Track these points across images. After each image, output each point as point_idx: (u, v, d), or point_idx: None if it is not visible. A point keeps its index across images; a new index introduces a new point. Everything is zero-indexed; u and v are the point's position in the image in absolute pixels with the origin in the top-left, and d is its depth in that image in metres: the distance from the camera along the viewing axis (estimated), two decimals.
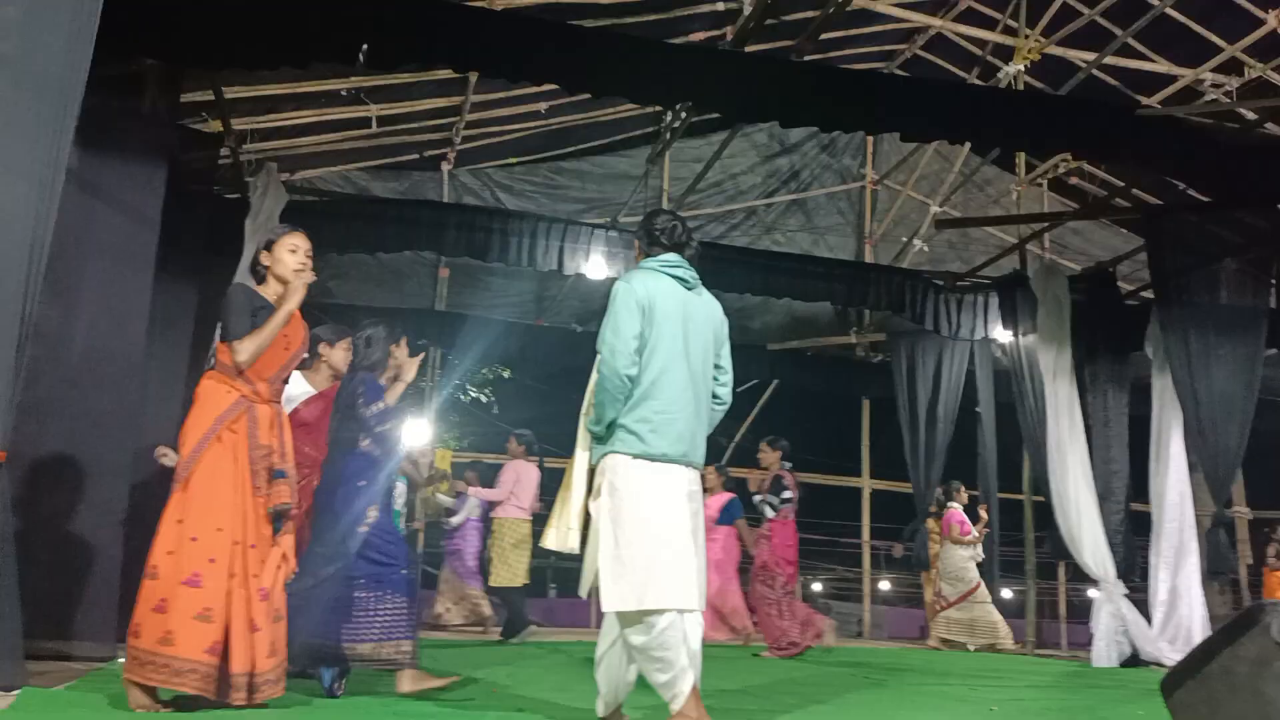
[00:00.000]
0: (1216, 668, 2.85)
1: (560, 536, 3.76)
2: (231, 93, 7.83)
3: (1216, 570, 7.77)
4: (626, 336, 3.46)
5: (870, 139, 12.19)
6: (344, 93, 8.83)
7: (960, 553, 9.94)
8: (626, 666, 3.58)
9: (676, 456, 3.46)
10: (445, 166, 10.67)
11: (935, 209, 11.77)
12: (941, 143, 10.96)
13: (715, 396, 3.71)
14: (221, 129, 7.73)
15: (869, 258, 12.10)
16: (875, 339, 12.42)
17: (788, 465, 8.23)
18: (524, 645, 7.62)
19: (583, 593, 3.94)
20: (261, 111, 8.76)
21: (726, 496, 9.70)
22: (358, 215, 8.75)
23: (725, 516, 9.55)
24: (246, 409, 3.60)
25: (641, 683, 3.60)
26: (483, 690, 4.64)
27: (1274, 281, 7.76)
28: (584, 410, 3.69)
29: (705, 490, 5.76)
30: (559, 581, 18.52)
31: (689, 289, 3.66)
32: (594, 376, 3.60)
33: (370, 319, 4.65)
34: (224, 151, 8.04)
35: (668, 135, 9.61)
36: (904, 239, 12.18)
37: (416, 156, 10.56)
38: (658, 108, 9.72)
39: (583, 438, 3.70)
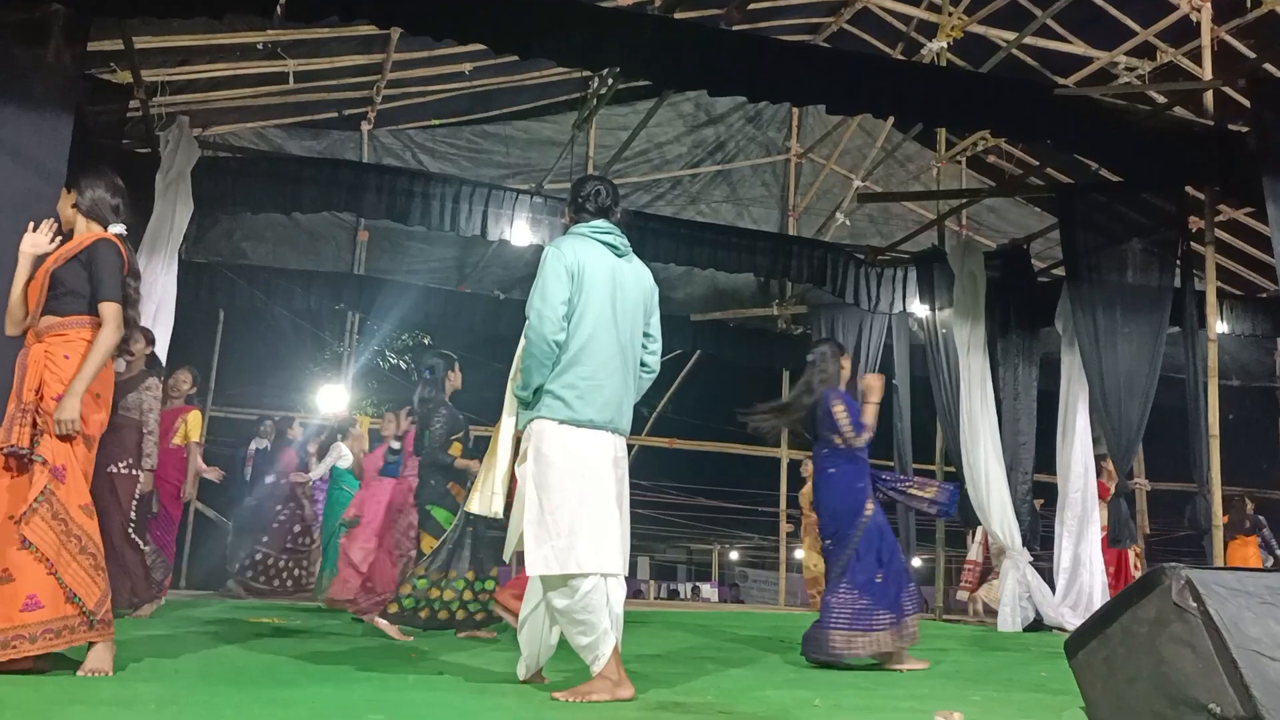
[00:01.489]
0: (1118, 629, 2.95)
1: (485, 501, 3.75)
2: (142, 43, 7.52)
3: (1117, 539, 8.07)
4: (554, 302, 3.43)
5: (795, 112, 12.26)
6: (260, 46, 8.55)
7: None
8: (549, 630, 3.59)
9: (603, 423, 3.45)
10: (365, 126, 10.43)
11: (858, 183, 11.92)
12: (865, 118, 11.10)
13: (644, 365, 3.71)
14: (131, 80, 7.43)
15: (792, 230, 12.21)
16: (797, 311, 12.56)
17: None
18: None
19: (506, 556, 3.94)
20: (173, 63, 8.44)
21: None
22: (273, 174, 8.52)
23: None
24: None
25: (563, 647, 3.61)
26: (401, 655, 4.60)
27: (1178, 262, 8.04)
28: (511, 375, 3.67)
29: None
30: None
31: (619, 256, 3.64)
32: (522, 342, 3.57)
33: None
34: (133, 104, 7.73)
35: (594, 101, 9.53)
36: (826, 213, 12.31)
37: (335, 115, 10.30)
38: (584, 73, 9.63)
39: (509, 403, 3.68)
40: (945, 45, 9.34)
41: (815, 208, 12.46)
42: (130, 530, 5.70)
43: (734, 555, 27.50)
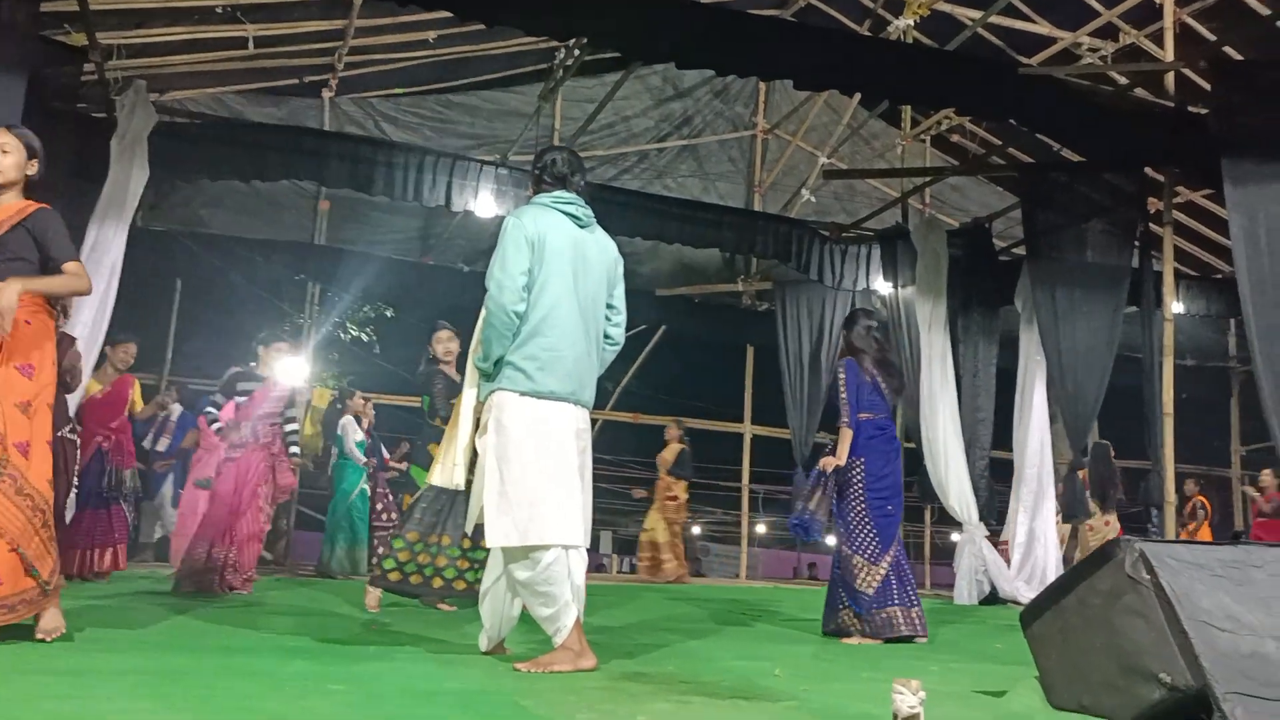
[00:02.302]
0: (1072, 600, 3.01)
1: (446, 473, 3.74)
2: (97, 4, 7.34)
3: (1071, 514, 8.21)
4: (514, 272, 3.40)
5: (763, 88, 12.24)
6: (220, 10, 8.38)
7: None
8: (510, 601, 3.59)
9: (565, 394, 3.44)
10: (327, 94, 10.27)
11: (823, 160, 11.94)
12: (831, 95, 11.10)
13: (607, 337, 3.70)
14: (87, 42, 7.24)
15: (758, 206, 12.22)
16: (762, 287, 12.59)
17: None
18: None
19: (468, 529, 3.93)
20: (130, 26, 8.25)
21: None
22: (233, 140, 8.36)
23: None
24: None
25: (525, 618, 3.61)
26: (363, 626, 4.58)
27: (1136, 242, 8.14)
28: (473, 347, 3.65)
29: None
30: None
31: (581, 226, 3.61)
32: (483, 313, 3.54)
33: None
34: (89, 67, 7.55)
35: (560, 73, 9.45)
36: (792, 189, 12.33)
37: (296, 82, 10.13)
38: (551, 44, 9.53)
39: (471, 375, 3.67)
40: (912, 23, 9.35)
41: (781, 184, 12.47)
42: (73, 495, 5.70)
43: (696, 530, 27.63)
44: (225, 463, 6.32)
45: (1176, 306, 8.28)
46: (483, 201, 8.68)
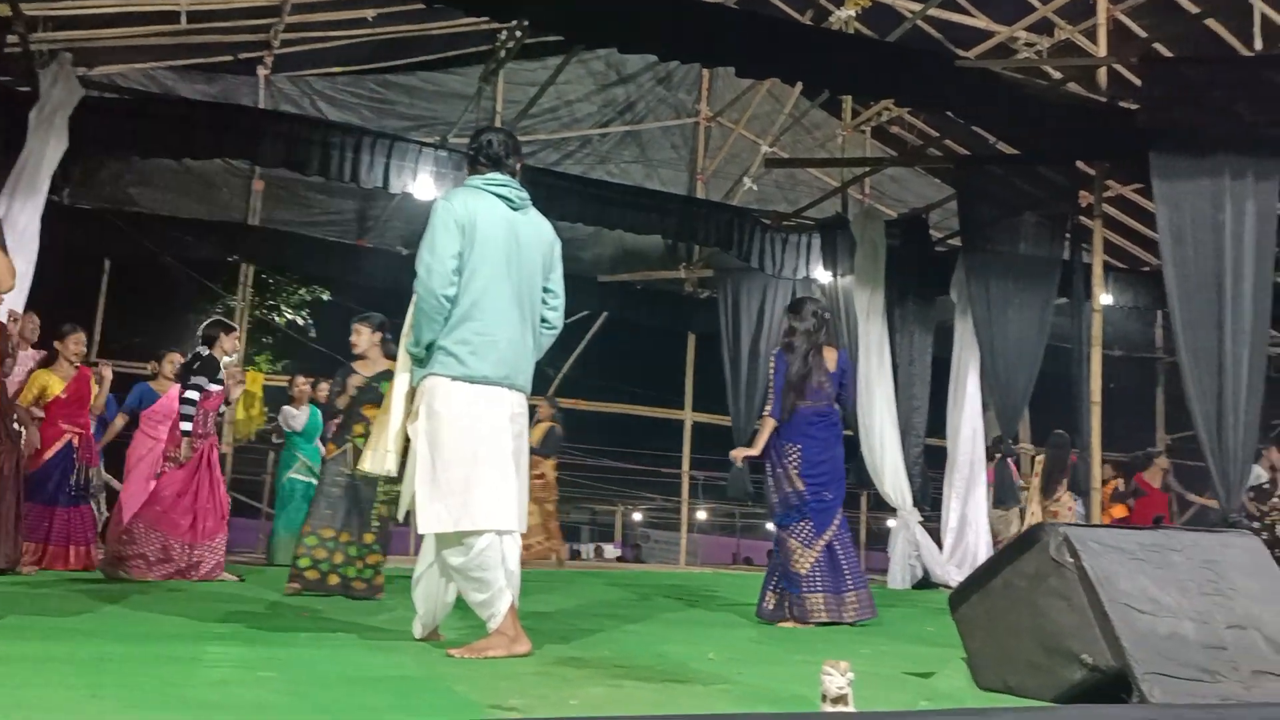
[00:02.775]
0: (999, 583, 3.07)
1: (377, 459, 3.69)
2: None
3: (1001, 500, 8.39)
4: (444, 255, 3.36)
5: (706, 75, 12.25)
6: None
7: None
8: (445, 588, 3.56)
9: (498, 379, 3.40)
10: (262, 71, 10.05)
11: (765, 149, 11.99)
12: (774, 84, 11.14)
13: (545, 321, 3.66)
14: (10, 13, 7.00)
15: (700, 193, 12.23)
16: (703, 274, 12.62)
17: None
18: None
19: (399, 515, 3.89)
20: None
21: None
22: (163, 116, 8.16)
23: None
24: None
25: (460, 605, 3.59)
26: (294, 613, 4.52)
27: (1067, 235, 8.33)
28: (404, 333, 3.60)
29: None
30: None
31: (516, 209, 3.57)
32: (415, 297, 3.50)
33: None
34: (12, 39, 7.29)
35: (502, 54, 9.36)
36: (735, 177, 12.37)
37: (230, 59, 9.90)
38: (493, 25, 9.43)
39: (402, 360, 3.63)
40: (854, 13, 9.43)
41: (724, 171, 12.50)
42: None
43: (637, 516, 27.73)
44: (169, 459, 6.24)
45: (1105, 298, 8.49)
46: (421, 183, 8.58)
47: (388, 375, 5.58)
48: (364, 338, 5.75)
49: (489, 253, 3.41)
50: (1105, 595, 2.73)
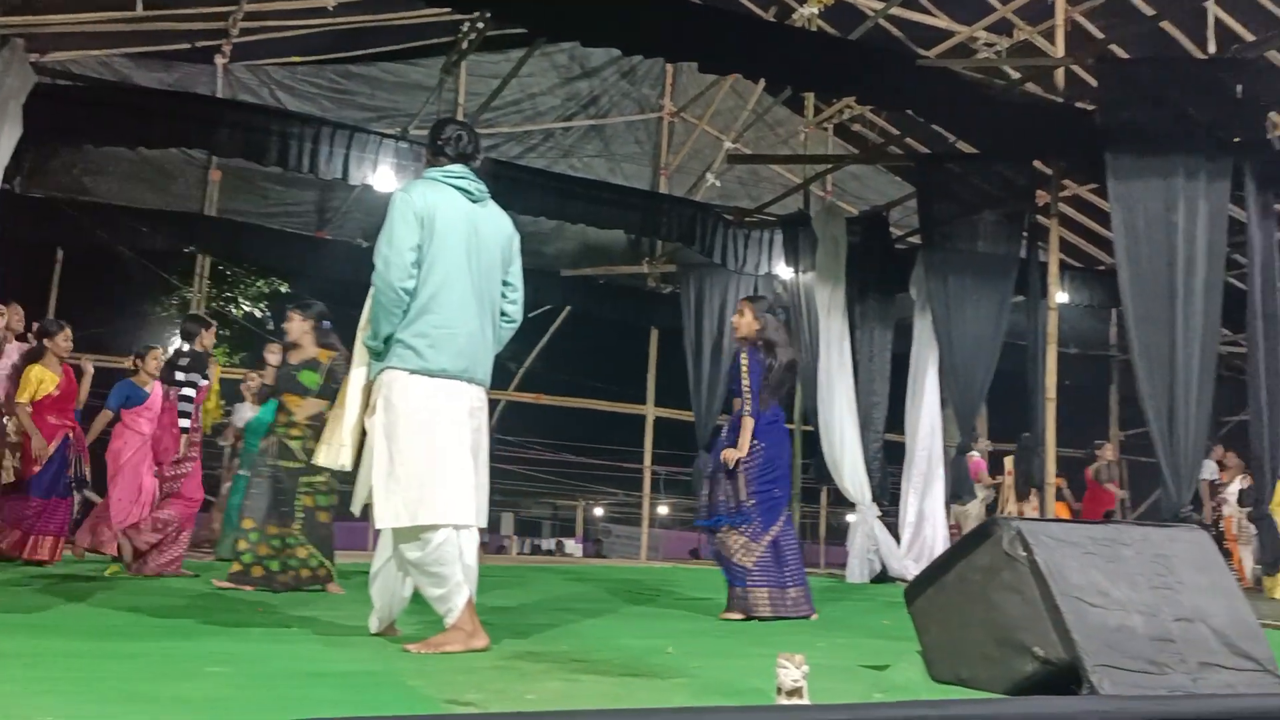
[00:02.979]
0: (953, 577, 3.10)
1: (332, 453, 3.66)
2: None
3: (958, 495, 8.48)
4: (402, 248, 3.33)
5: (670, 70, 12.25)
6: None
7: None
8: (401, 582, 3.54)
9: (456, 372, 3.38)
10: (220, 60, 9.90)
11: (728, 144, 12.02)
12: (737, 80, 11.17)
13: (505, 315, 3.65)
14: None
15: (663, 189, 12.24)
16: (666, 270, 12.63)
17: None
18: None
19: (354, 509, 3.85)
20: None
21: None
22: (119, 105, 8.02)
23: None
24: None
25: (417, 599, 3.57)
26: (249, 608, 4.47)
27: (1024, 234, 8.43)
28: (361, 326, 3.58)
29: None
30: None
31: (475, 201, 3.55)
32: (373, 290, 3.47)
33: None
34: None
35: (465, 45, 9.29)
36: (698, 172, 12.39)
37: (188, 47, 9.74)
38: (455, 16, 9.36)
39: (359, 353, 3.60)
40: (816, 11, 9.48)
41: (687, 167, 12.51)
42: None
43: (598, 511, 27.74)
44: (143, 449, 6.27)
45: (1061, 296, 8.61)
46: (382, 175, 8.50)
47: (313, 364, 5.54)
48: (294, 325, 5.71)
49: (448, 245, 3.39)
50: (1057, 588, 2.77)
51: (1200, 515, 10.26)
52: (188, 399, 6.13)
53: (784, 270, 10.29)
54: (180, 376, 6.16)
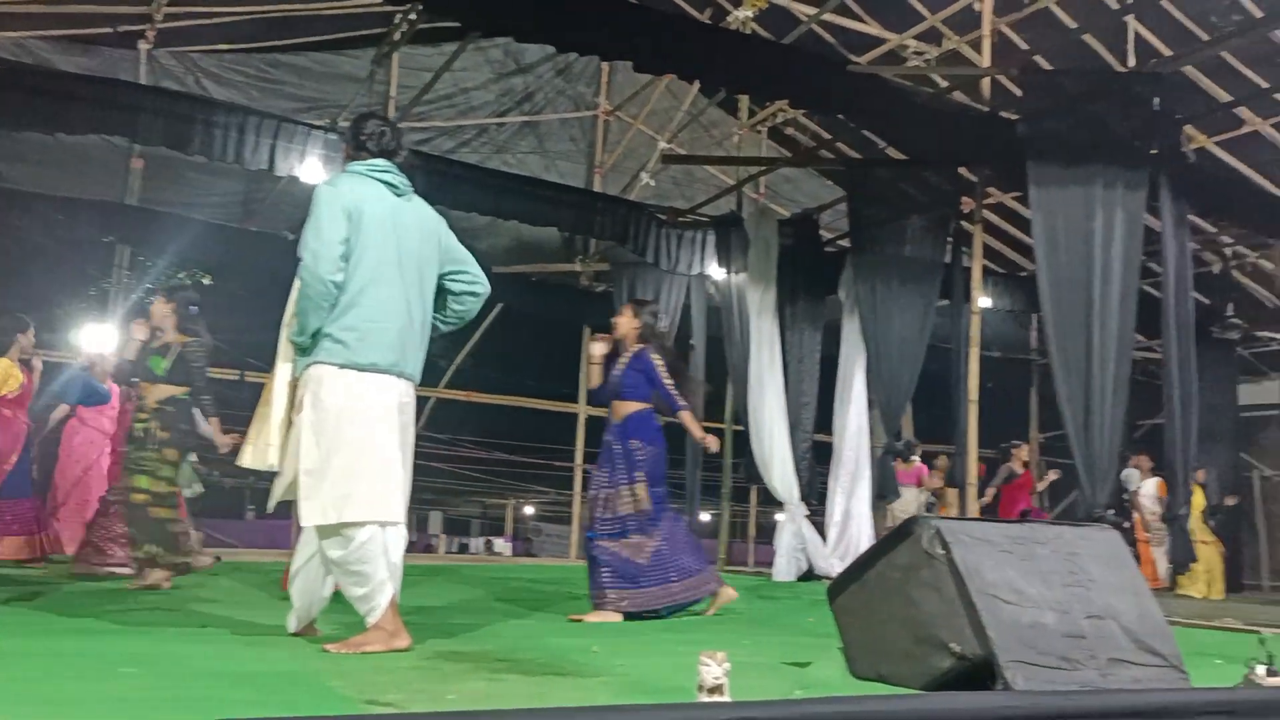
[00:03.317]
0: (874, 575, 3.16)
1: (258, 454, 3.59)
2: None
3: (883, 494, 8.63)
4: (331, 241, 3.29)
5: (605, 68, 12.23)
6: None
7: None
8: (323, 581, 3.49)
9: (386, 366, 3.35)
10: (143, 46, 9.62)
11: (663, 144, 12.04)
12: (672, 81, 11.19)
13: (471, 295, 3.69)
14: None
15: (598, 187, 12.21)
16: (600, 268, 12.61)
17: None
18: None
19: (270, 506, 3.78)
20: None
21: None
22: (35, 89, 7.75)
23: None
24: None
25: (339, 598, 3.51)
26: (166, 607, 4.36)
27: (949, 239, 8.60)
28: (285, 321, 3.51)
29: None
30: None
31: (399, 195, 3.51)
32: (296, 284, 3.41)
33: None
34: None
35: (397, 37, 9.17)
36: (632, 171, 12.39)
37: (109, 31, 9.43)
38: (388, 8, 9.23)
39: (284, 349, 3.54)
40: (751, 14, 9.54)
41: (621, 166, 12.51)
42: None
43: (529, 510, 27.61)
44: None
45: (984, 301, 8.80)
46: (309, 167, 8.33)
47: (164, 349, 5.44)
48: (156, 308, 5.63)
49: (375, 239, 3.35)
50: (973, 586, 2.84)
51: (1129, 524, 10.61)
52: None
53: (716, 271, 10.35)
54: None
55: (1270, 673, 2.81)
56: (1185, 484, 7.06)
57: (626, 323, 5.24)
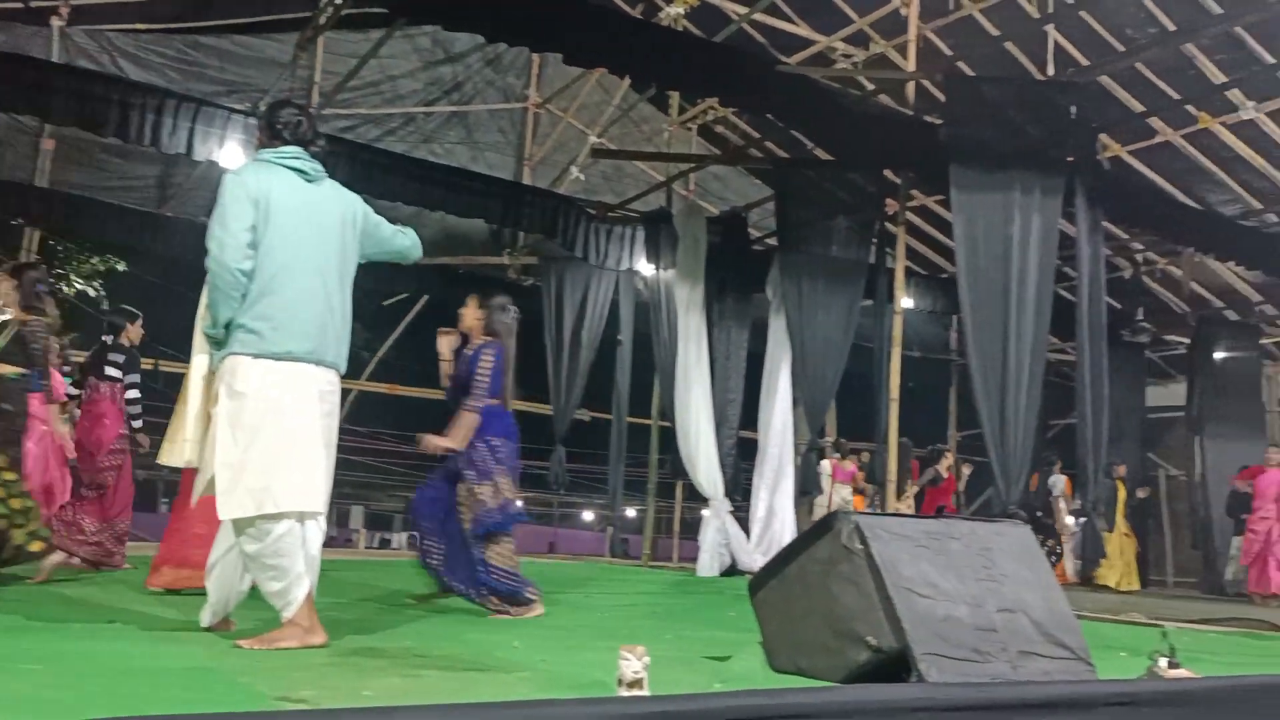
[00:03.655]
0: (794, 569, 3.19)
1: (176, 451, 3.53)
2: None
3: (806, 490, 8.74)
4: (236, 229, 3.23)
5: (536, 60, 12.16)
6: None
7: None
8: (240, 574, 3.41)
9: (304, 354, 3.28)
10: (56, 23, 9.27)
11: (593, 139, 12.02)
12: (603, 75, 11.19)
13: (400, 253, 3.74)
14: None
15: (527, 180, 12.14)
16: (528, 262, 12.55)
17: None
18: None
19: (193, 501, 3.69)
20: None
21: None
22: None
23: None
24: None
25: (255, 593, 3.44)
26: (74, 604, 4.21)
27: (874, 240, 8.74)
28: (199, 314, 3.44)
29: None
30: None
31: (310, 182, 3.44)
32: (209, 276, 3.33)
33: None
34: None
35: (322, 21, 8.99)
36: (562, 165, 12.34)
37: (21, 6, 9.08)
38: None
39: (199, 341, 3.48)
40: (682, 11, 9.57)
41: (551, 159, 12.45)
42: None
43: None
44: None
45: (906, 301, 8.95)
46: (229, 152, 8.11)
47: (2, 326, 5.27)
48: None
49: (287, 226, 3.29)
50: (890, 580, 2.88)
51: (1055, 526, 10.94)
52: (136, 402, 6.09)
53: (645, 267, 10.36)
54: (112, 372, 6.05)
55: (1171, 665, 2.92)
56: (1096, 482, 7.26)
57: (470, 314, 5.07)
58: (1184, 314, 12.38)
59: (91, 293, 10.69)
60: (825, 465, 10.29)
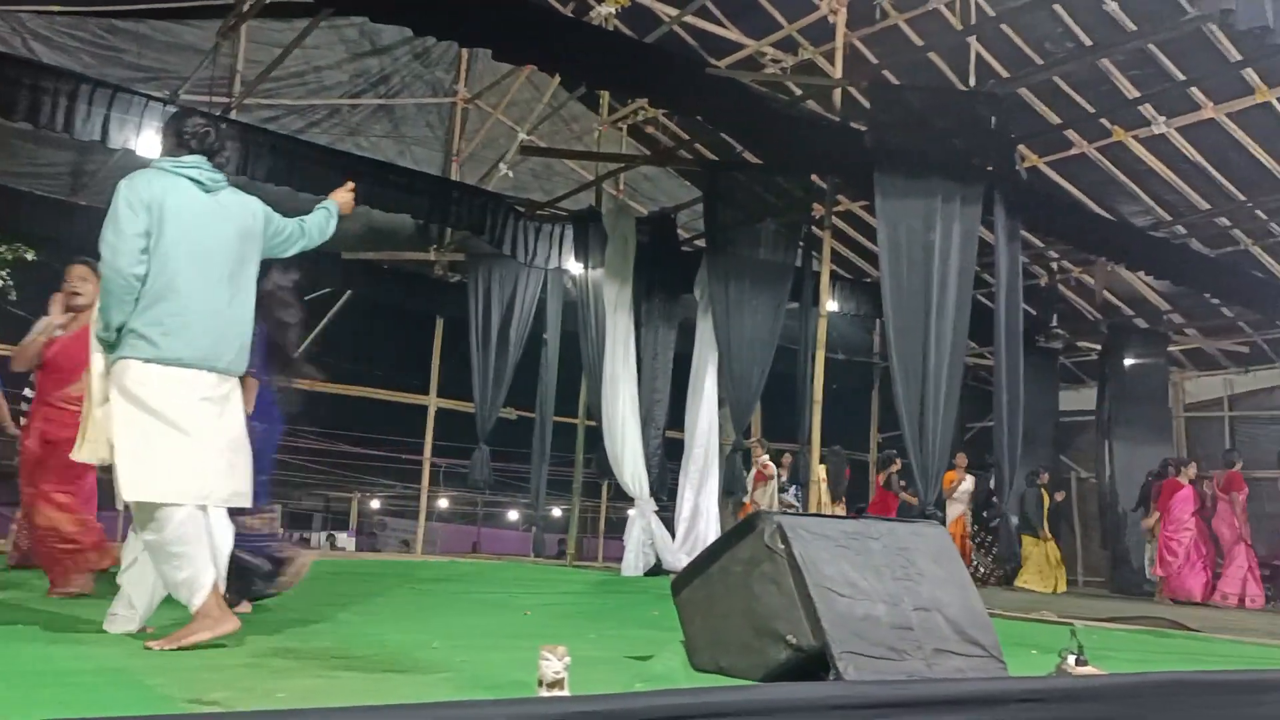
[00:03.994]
0: (717, 569, 3.22)
1: (89, 450, 3.44)
2: None
3: (730, 490, 8.81)
4: (129, 234, 3.22)
5: (465, 55, 12.04)
6: None
7: None
8: (157, 581, 3.37)
9: (193, 360, 3.27)
10: None
11: (523, 136, 11.94)
12: (534, 72, 11.13)
13: (307, 248, 3.75)
14: None
15: (455, 176, 12.01)
16: (455, 258, 12.41)
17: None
18: None
19: (119, 503, 3.60)
20: None
21: None
22: None
23: None
24: None
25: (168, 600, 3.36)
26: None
27: (801, 243, 8.85)
28: (93, 318, 3.40)
29: None
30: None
31: (208, 191, 3.42)
32: (101, 280, 3.28)
33: None
34: None
35: (245, 8, 8.78)
36: (491, 161, 12.24)
37: None
38: None
39: (95, 341, 3.38)
40: (613, 11, 9.56)
41: (480, 155, 12.33)
42: None
43: (374, 503, 26.98)
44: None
45: (831, 305, 9.10)
46: (146, 140, 7.87)
47: None
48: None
49: (182, 233, 3.29)
50: (810, 579, 2.92)
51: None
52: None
53: (573, 265, 10.35)
54: None
55: (1079, 662, 3.01)
56: (1011, 484, 7.46)
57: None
58: (1096, 321, 12.78)
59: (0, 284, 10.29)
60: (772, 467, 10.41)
